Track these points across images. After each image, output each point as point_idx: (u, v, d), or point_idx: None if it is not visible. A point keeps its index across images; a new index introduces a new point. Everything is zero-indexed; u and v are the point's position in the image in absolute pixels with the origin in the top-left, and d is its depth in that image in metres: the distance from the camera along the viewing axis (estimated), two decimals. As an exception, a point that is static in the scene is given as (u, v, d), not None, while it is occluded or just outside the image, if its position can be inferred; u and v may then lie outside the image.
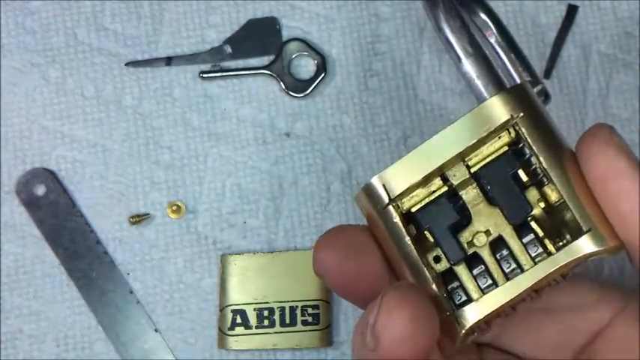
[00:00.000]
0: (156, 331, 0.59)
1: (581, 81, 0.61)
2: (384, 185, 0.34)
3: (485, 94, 0.35)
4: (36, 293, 0.59)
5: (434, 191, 0.34)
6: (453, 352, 0.35)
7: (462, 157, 0.33)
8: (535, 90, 0.40)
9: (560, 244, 0.33)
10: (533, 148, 0.33)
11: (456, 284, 0.33)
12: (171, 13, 0.62)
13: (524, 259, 0.33)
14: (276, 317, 0.57)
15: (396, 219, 0.33)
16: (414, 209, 0.34)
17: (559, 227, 0.33)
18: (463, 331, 0.33)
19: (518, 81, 0.39)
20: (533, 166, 0.33)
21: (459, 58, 0.36)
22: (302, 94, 0.60)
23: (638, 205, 0.32)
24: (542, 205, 0.33)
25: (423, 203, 0.34)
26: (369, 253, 0.35)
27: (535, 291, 0.33)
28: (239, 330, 0.57)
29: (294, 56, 0.61)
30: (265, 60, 0.61)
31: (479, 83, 0.35)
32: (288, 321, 0.57)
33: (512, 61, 0.40)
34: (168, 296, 0.59)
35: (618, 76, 0.60)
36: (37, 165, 0.60)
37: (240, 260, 0.58)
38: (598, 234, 0.32)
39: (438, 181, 0.34)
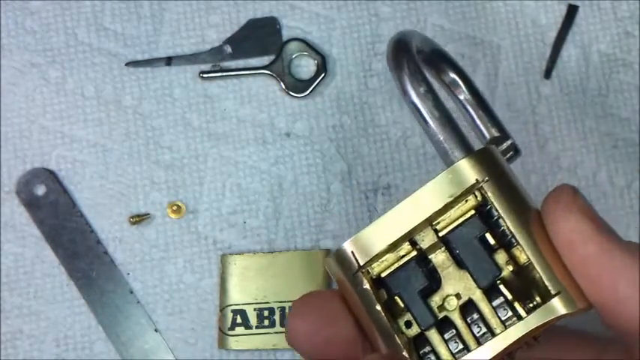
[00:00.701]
0: (156, 331, 0.59)
1: (581, 81, 0.61)
2: (352, 252, 0.34)
3: (451, 157, 0.35)
4: (36, 293, 0.59)
5: (403, 256, 0.34)
6: None
7: (429, 221, 0.34)
8: (504, 145, 0.40)
9: (531, 305, 0.33)
10: (500, 211, 0.33)
11: (427, 349, 0.33)
12: (171, 13, 0.62)
13: (494, 322, 0.33)
14: (276, 317, 0.57)
15: (366, 285, 0.34)
16: (383, 274, 0.34)
17: (529, 287, 0.33)
18: None
19: (487, 136, 0.40)
20: (501, 228, 0.33)
21: (426, 122, 0.36)
22: (302, 94, 0.60)
23: (605, 270, 0.32)
24: (510, 267, 0.33)
25: (393, 268, 0.34)
26: (340, 321, 0.35)
27: (508, 354, 0.33)
28: (239, 330, 0.57)
29: (294, 56, 0.61)
30: (265, 60, 0.61)
31: (445, 147, 0.35)
32: (288, 321, 0.57)
33: (481, 118, 0.40)
34: (168, 296, 0.59)
35: (618, 76, 0.61)
36: (37, 165, 0.60)
37: (240, 260, 0.58)
38: (567, 297, 0.32)
39: (406, 246, 0.34)
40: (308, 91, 0.60)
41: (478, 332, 0.33)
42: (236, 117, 0.60)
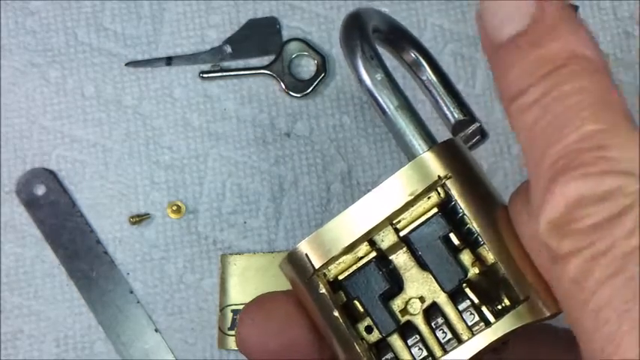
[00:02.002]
0: (156, 331, 0.59)
1: (581, 81, 0.61)
2: (306, 255, 0.32)
3: (413, 150, 0.32)
4: (36, 293, 0.59)
5: (361, 257, 0.32)
6: None
7: (390, 220, 0.31)
8: (471, 129, 0.37)
9: (499, 307, 0.31)
10: (464, 209, 0.31)
11: (390, 356, 0.31)
12: (171, 13, 0.62)
13: (460, 327, 0.31)
14: (276, 317, 0.57)
15: (322, 290, 0.31)
16: (341, 277, 0.32)
17: (497, 288, 0.31)
18: None
19: (452, 120, 0.37)
20: (467, 226, 0.31)
21: (383, 112, 0.33)
22: (302, 94, 0.60)
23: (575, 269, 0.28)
24: (476, 269, 0.31)
25: (351, 271, 0.32)
26: (295, 326, 0.32)
27: None
28: (239, 330, 0.57)
29: (294, 56, 0.61)
30: (265, 60, 0.61)
31: (406, 139, 0.32)
32: (288, 321, 0.57)
33: (446, 100, 0.37)
34: (168, 296, 0.59)
35: (618, 76, 0.60)
36: (37, 165, 0.60)
37: (240, 260, 0.58)
38: (536, 302, 0.30)
39: (365, 247, 0.32)
40: (308, 91, 0.60)
41: (443, 338, 0.31)
42: (236, 117, 0.60)
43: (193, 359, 0.58)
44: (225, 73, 0.61)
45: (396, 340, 0.31)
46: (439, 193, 0.31)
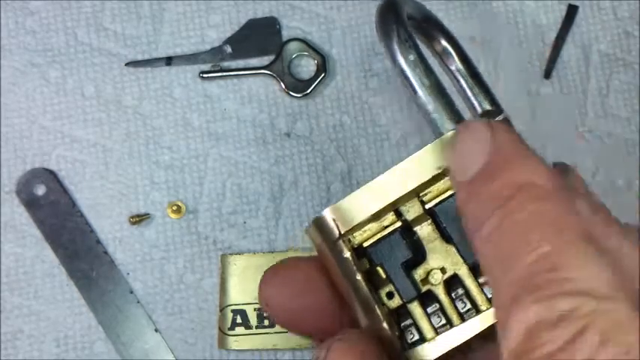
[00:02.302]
0: (156, 331, 0.59)
1: (581, 81, 0.61)
2: (334, 219, 0.32)
3: (441, 128, 0.33)
4: (36, 293, 0.59)
5: (387, 226, 0.33)
6: None
7: (416, 192, 0.32)
8: (497, 119, 0.38)
9: None
10: None
11: (409, 322, 0.32)
12: (171, 13, 0.62)
13: (480, 299, 0.32)
14: (276, 317, 0.57)
15: (347, 254, 0.32)
16: (366, 244, 0.33)
17: None
18: None
19: (479, 110, 0.38)
20: None
21: (415, 91, 0.34)
22: (302, 94, 0.60)
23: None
24: None
25: (376, 238, 0.33)
26: (316, 290, 0.33)
27: (490, 330, 0.32)
28: (239, 330, 0.57)
29: (294, 56, 0.61)
30: (265, 60, 0.61)
31: (435, 117, 0.34)
32: (288, 321, 0.57)
33: (473, 90, 0.38)
34: (168, 296, 0.59)
35: (618, 76, 0.61)
36: (37, 165, 0.60)
37: (240, 260, 0.58)
38: None
39: (391, 216, 0.33)
40: (308, 91, 0.60)
41: (462, 308, 0.32)
42: (236, 117, 0.60)
43: (193, 359, 0.58)
44: (225, 73, 0.61)
45: (415, 308, 0.32)
46: None
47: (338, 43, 0.61)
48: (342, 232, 0.32)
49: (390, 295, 0.33)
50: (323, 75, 0.60)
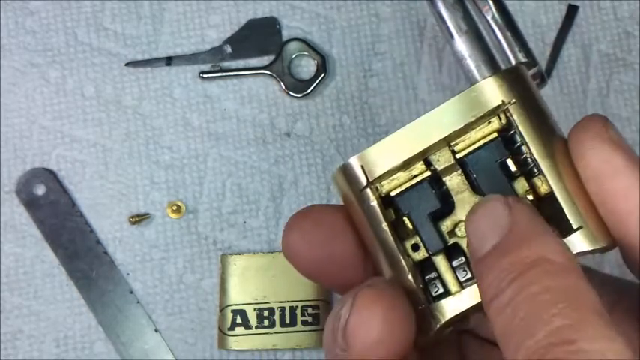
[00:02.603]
0: (156, 331, 0.59)
1: (581, 81, 0.61)
2: (362, 167, 0.32)
3: (476, 75, 0.32)
4: (36, 293, 0.59)
5: (415, 176, 0.32)
6: (427, 344, 0.32)
7: (447, 141, 0.31)
8: (531, 72, 0.37)
9: None
10: (524, 137, 0.31)
11: (433, 275, 0.31)
12: (171, 13, 0.62)
13: None
14: (276, 317, 0.57)
15: (374, 203, 0.31)
16: (393, 193, 0.32)
17: (547, 221, 0.30)
18: (438, 326, 0.31)
19: (513, 61, 0.36)
20: (523, 156, 0.31)
21: (451, 35, 0.33)
22: (302, 94, 0.60)
23: (637, 206, 0.29)
24: (530, 197, 0.31)
25: (404, 188, 0.32)
26: (341, 238, 0.32)
27: None
28: (239, 330, 0.57)
29: (294, 56, 0.61)
30: (265, 60, 0.61)
31: (470, 63, 0.32)
32: (288, 321, 0.57)
33: (508, 40, 0.37)
34: (168, 296, 0.59)
35: (618, 76, 0.60)
36: (37, 165, 0.60)
37: (240, 260, 0.58)
38: (589, 232, 0.30)
39: (420, 166, 0.32)
40: (308, 91, 0.60)
41: None
42: (236, 117, 0.60)
43: (193, 359, 0.58)
44: (225, 73, 0.61)
45: (441, 260, 0.31)
46: (500, 119, 0.31)
47: (338, 43, 0.61)
48: (370, 180, 0.31)
49: (415, 247, 0.32)
50: (323, 75, 0.60)
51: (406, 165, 0.32)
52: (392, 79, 0.61)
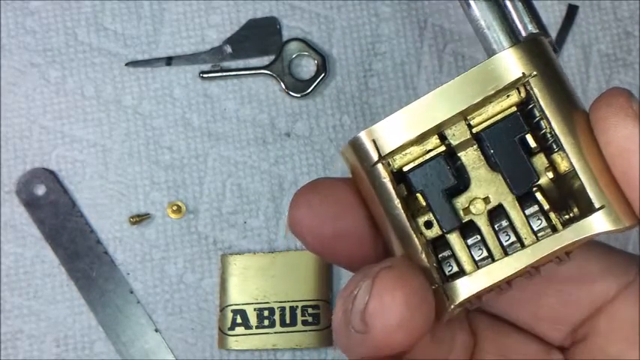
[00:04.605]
0: (156, 331, 0.59)
1: (581, 81, 0.61)
2: (374, 140, 0.30)
3: (495, 46, 0.31)
4: (36, 293, 0.59)
5: (429, 150, 0.30)
6: (439, 324, 0.31)
7: (463, 115, 0.30)
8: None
9: (567, 217, 0.29)
10: (545, 111, 0.30)
11: (447, 253, 0.30)
12: (171, 13, 0.62)
13: (525, 232, 0.30)
14: (276, 317, 0.57)
15: (385, 179, 0.30)
16: (405, 168, 0.30)
17: (567, 199, 0.30)
18: (452, 307, 0.29)
19: (523, 33, 0.33)
20: (543, 131, 0.30)
21: (468, 4, 0.31)
22: (302, 94, 0.60)
23: None
24: (549, 174, 0.30)
25: (417, 162, 0.30)
26: (351, 213, 0.31)
27: (535, 268, 0.30)
28: (239, 330, 0.57)
29: (294, 56, 0.61)
30: (265, 60, 0.61)
31: (488, 34, 0.31)
32: (288, 321, 0.57)
33: (518, 10, 0.36)
34: (168, 296, 0.59)
35: (618, 76, 0.60)
36: (37, 165, 0.60)
37: (240, 260, 0.58)
38: (612, 211, 0.29)
39: (434, 140, 0.30)
40: (308, 91, 0.60)
41: (506, 241, 0.30)
42: (236, 117, 0.60)
43: (193, 359, 0.58)
44: (225, 73, 0.61)
45: (455, 238, 0.30)
46: (519, 92, 0.30)
47: (338, 43, 0.61)
48: (382, 155, 0.30)
49: (428, 225, 0.30)
50: (323, 75, 0.60)
51: (420, 139, 0.30)
52: (392, 79, 0.61)
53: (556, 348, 0.34)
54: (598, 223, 0.29)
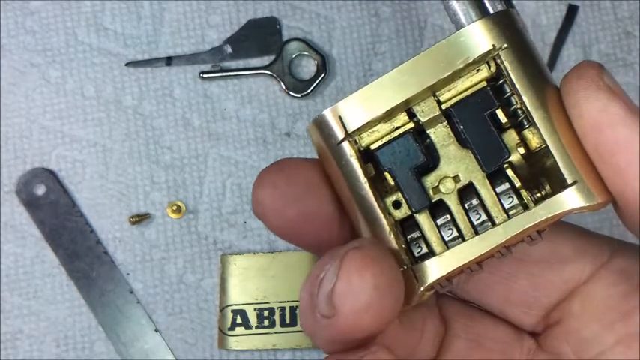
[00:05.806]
0: (156, 331, 0.59)
1: (581, 81, 0.61)
2: (340, 117, 0.29)
3: (464, 20, 0.29)
4: (36, 293, 0.59)
5: (398, 127, 0.29)
6: (409, 307, 0.30)
7: (432, 90, 0.29)
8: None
9: (539, 195, 0.29)
10: (516, 85, 0.29)
11: (416, 234, 0.29)
12: (171, 13, 0.62)
13: (496, 210, 0.29)
14: (276, 317, 0.57)
15: (352, 157, 0.29)
16: (373, 147, 0.29)
17: (539, 177, 0.29)
18: (422, 289, 0.29)
19: (491, 11, 0.31)
20: (514, 106, 0.29)
21: None
22: (302, 94, 0.60)
23: (637, 157, 0.27)
24: (520, 150, 0.29)
25: (385, 140, 0.29)
26: (316, 195, 0.30)
27: (506, 247, 0.29)
28: (239, 330, 0.57)
29: (294, 56, 0.61)
30: (265, 60, 0.61)
31: (457, 6, 0.29)
32: (288, 321, 0.57)
33: None
34: (168, 296, 0.59)
35: (618, 76, 0.60)
36: (37, 165, 0.60)
37: (240, 260, 0.58)
38: (584, 188, 0.28)
39: (403, 117, 0.29)
40: (308, 91, 0.60)
41: (477, 220, 0.29)
42: (236, 117, 0.60)
43: (193, 359, 0.58)
44: (225, 73, 0.61)
45: (424, 219, 0.29)
46: (489, 66, 0.29)
47: (338, 43, 0.61)
48: (348, 133, 0.29)
49: (396, 205, 0.30)
50: (323, 75, 0.60)
51: (387, 116, 0.29)
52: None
53: (528, 333, 0.33)
54: (570, 200, 0.28)
